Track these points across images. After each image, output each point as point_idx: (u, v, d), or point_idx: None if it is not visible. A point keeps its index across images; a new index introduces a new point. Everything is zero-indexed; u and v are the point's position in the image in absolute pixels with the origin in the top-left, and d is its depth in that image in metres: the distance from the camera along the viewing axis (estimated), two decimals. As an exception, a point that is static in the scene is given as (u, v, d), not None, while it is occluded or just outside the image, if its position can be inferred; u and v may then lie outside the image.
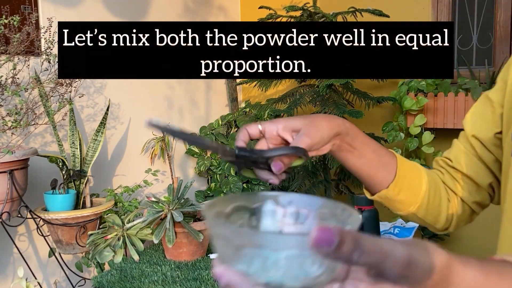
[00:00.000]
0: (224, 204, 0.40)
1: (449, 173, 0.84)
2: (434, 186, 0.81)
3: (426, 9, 2.36)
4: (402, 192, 0.78)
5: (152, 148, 2.51)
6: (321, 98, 2.24)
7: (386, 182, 0.77)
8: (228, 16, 3.02)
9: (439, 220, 0.83)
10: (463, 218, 0.84)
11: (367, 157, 0.74)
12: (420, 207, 0.80)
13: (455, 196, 0.83)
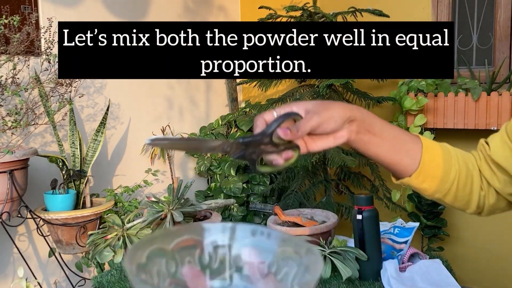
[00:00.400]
0: (140, 252, 0.34)
1: (486, 162, 0.79)
2: (465, 173, 0.77)
3: (426, 9, 2.36)
4: (427, 181, 0.75)
5: (152, 148, 2.52)
6: (321, 98, 2.24)
7: (410, 170, 0.74)
8: (228, 16, 3.02)
9: (470, 206, 0.79)
10: (498, 207, 0.80)
11: (388, 144, 0.71)
12: (447, 194, 0.77)
13: (489, 185, 0.78)
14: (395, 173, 0.76)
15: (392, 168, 0.75)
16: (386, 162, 0.73)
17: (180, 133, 2.67)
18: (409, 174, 0.74)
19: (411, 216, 2.27)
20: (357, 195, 1.42)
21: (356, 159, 2.09)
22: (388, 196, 2.26)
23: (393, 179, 0.80)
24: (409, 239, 1.49)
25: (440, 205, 2.24)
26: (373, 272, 1.38)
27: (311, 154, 2.09)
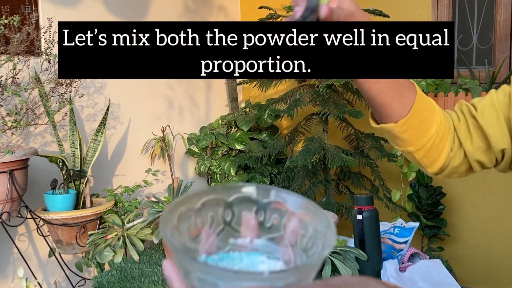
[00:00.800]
0: (196, 198, 0.39)
1: (466, 123, 0.77)
2: (442, 132, 0.76)
3: (426, 9, 2.36)
4: (409, 131, 0.73)
5: (152, 148, 2.52)
6: (321, 98, 2.24)
7: (397, 116, 0.72)
8: (228, 16, 3.02)
9: (434, 165, 0.78)
10: (458, 170, 0.79)
11: (386, 83, 0.69)
12: (421, 149, 0.75)
13: (460, 147, 0.78)
14: (380, 115, 0.74)
15: (379, 110, 0.72)
16: (376, 101, 0.71)
17: (180, 133, 2.67)
18: (395, 120, 0.72)
19: (411, 216, 2.27)
20: (357, 195, 1.42)
21: (356, 159, 2.09)
22: (388, 196, 2.27)
23: (372, 123, 0.77)
24: (409, 239, 1.49)
25: (440, 205, 2.24)
26: (373, 272, 1.38)
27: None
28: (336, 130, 2.45)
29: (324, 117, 2.20)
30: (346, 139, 2.43)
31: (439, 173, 0.80)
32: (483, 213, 2.29)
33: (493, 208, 2.26)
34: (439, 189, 2.23)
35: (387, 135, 0.77)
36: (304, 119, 2.41)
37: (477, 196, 2.30)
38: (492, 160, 0.76)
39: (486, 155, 0.76)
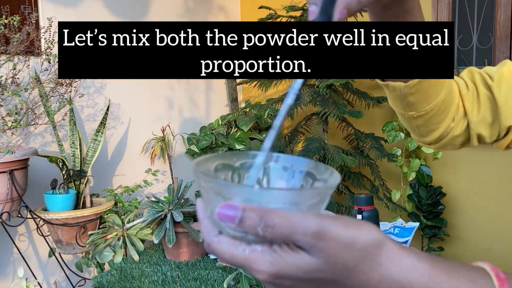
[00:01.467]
0: (209, 162, 0.42)
1: (476, 92, 0.71)
2: (448, 101, 0.70)
3: (426, 9, 2.36)
4: (417, 94, 0.66)
5: (152, 148, 2.52)
6: (321, 98, 2.24)
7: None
8: (228, 16, 3.02)
9: (432, 134, 0.73)
10: (455, 142, 0.75)
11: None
12: (423, 116, 0.69)
13: (464, 118, 0.72)
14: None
15: None
16: None
17: (180, 133, 2.67)
18: (406, 80, 0.66)
19: (411, 216, 2.27)
20: (357, 195, 1.42)
21: (356, 159, 2.09)
22: (388, 196, 2.27)
23: (378, 80, 0.72)
24: (409, 239, 1.49)
25: (440, 205, 2.24)
26: (373, 272, 1.38)
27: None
28: (336, 130, 2.45)
29: (324, 117, 2.20)
30: (346, 139, 2.43)
31: (433, 144, 0.75)
32: (483, 213, 2.29)
33: (493, 208, 2.26)
34: (439, 189, 2.23)
35: (390, 94, 0.70)
36: (304, 119, 2.41)
37: (477, 196, 2.30)
38: (493, 136, 0.72)
39: (490, 129, 0.71)
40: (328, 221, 0.33)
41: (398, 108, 0.72)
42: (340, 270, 0.34)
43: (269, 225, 0.33)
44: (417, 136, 0.76)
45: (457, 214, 2.36)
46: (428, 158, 2.30)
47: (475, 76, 0.72)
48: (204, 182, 0.36)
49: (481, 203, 2.30)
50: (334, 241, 0.33)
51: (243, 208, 0.33)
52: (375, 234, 0.34)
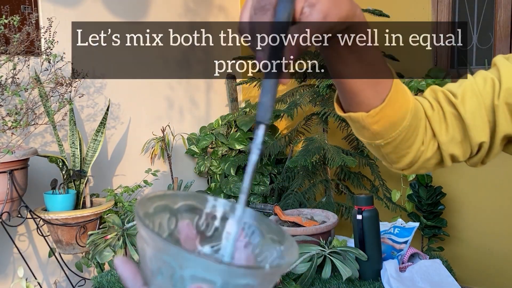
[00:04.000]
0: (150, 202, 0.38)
1: (442, 112, 0.68)
2: (415, 124, 0.66)
3: (426, 9, 2.36)
4: (381, 122, 0.63)
5: (152, 148, 2.51)
6: (321, 98, 2.24)
7: (369, 105, 0.61)
8: (228, 16, 3.02)
9: (402, 161, 0.69)
10: (427, 165, 0.71)
11: (360, 67, 0.58)
12: (390, 143, 0.66)
13: (433, 139, 0.69)
14: (349, 102, 0.63)
15: (348, 96, 0.62)
16: (346, 87, 0.61)
17: (180, 133, 2.67)
18: (366, 109, 0.61)
19: (411, 216, 2.27)
20: (357, 195, 1.42)
21: (356, 159, 2.09)
22: (388, 196, 2.27)
23: (338, 110, 0.67)
24: (409, 239, 1.49)
25: (440, 205, 2.24)
26: (373, 272, 1.38)
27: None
28: (336, 130, 2.45)
29: (324, 117, 2.20)
30: (346, 139, 2.43)
31: (406, 169, 0.72)
32: (483, 213, 2.29)
33: (493, 208, 2.26)
34: (439, 189, 2.23)
35: (353, 125, 0.67)
36: (304, 119, 2.41)
37: (477, 196, 2.30)
38: (466, 154, 0.70)
39: (461, 147, 0.69)
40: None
41: (364, 138, 0.68)
42: None
43: None
44: (388, 164, 0.72)
45: (457, 214, 2.36)
46: (428, 158, 2.30)
47: (438, 95, 0.70)
48: (147, 236, 0.32)
49: (481, 203, 2.30)
50: None
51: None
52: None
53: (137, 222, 0.33)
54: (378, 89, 0.61)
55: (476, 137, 0.66)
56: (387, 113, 0.62)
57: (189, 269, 0.30)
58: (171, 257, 0.31)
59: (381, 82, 0.61)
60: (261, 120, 0.39)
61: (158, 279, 0.32)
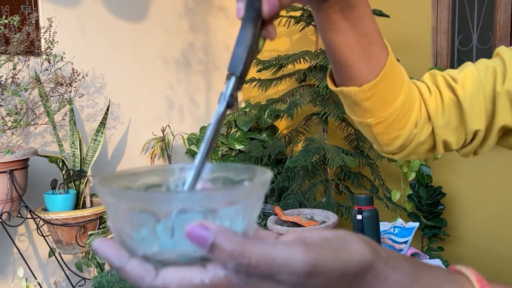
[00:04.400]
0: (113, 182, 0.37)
1: (440, 96, 0.67)
2: (408, 105, 0.65)
3: (426, 9, 2.36)
4: (374, 99, 0.61)
5: (152, 148, 2.51)
6: (321, 98, 2.24)
7: (362, 79, 0.59)
8: (228, 16, 3.02)
9: (394, 143, 0.67)
10: (419, 150, 0.69)
11: (355, 37, 0.56)
12: (382, 123, 0.64)
13: (428, 122, 0.67)
14: (342, 76, 0.61)
15: (341, 69, 0.60)
16: (339, 58, 0.58)
17: (180, 133, 2.67)
18: (358, 84, 0.60)
19: (411, 216, 2.27)
20: (357, 195, 1.42)
21: (356, 159, 2.09)
22: (388, 196, 2.27)
23: (330, 84, 0.65)
24: (409, 239, 1.49)
25: (440, 205, 2.24)
26: (373, 272, 1.38)
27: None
28: (336, 130, 2.45)
29: (324, 117, 2.20)
30: (346, 139, 2.42)
31: (397, 153, 0.70)
32: (483, 213, 2.29)
33: (493, 208, 2.26)
34: (439, 189, 2.23)
35: (345, 100, 0.65)
36: (304, 119, 2.41)
37: (477, 196, 2.30)
38: (460, 141, 0.68)
39: (455, 134, 0.67)
40: (318, 255, 0.28)
41: (355, 115, 0.66)
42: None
43: (246, 264, 0.27)
44: (379, 146, 0.70)
45: (457, 214, 2.36)
46: (428, 158, 2.30)
47: (438, 79, 0.68)
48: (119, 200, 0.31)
49: (481, 203, 2.30)
50: (325, 276, 0.29)
51: (216, 231, 0.28)
52: (367, 255, 0.31)
53: (102, 194, 0.31)
54: (372, 63, 0.59)
55: (472, 125, 0.65)
56: (380, 89, 0.60)
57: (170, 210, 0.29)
58: (150, 204, 0.29)
59: (375, 56, 0.59)
60: (232, 71, 0.38)
61: (143, 241, 0.30)
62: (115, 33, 2.33)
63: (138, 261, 0.30)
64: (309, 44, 2.67)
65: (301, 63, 2.33)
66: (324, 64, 2.16)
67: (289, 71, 2.47)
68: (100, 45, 2.26)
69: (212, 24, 2.90)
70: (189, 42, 2.74)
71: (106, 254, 0.32)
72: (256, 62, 2.40)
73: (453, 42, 2.33)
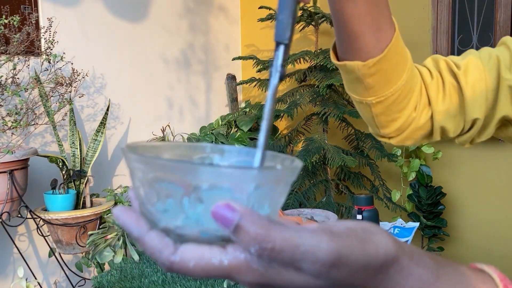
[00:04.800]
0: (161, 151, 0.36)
1: (441, 81, 0.66)
2: (409, 86, 0.63)
3: (426, 9, 2.36)
4: (377, 76, 0.60)
5: (152, 148, 2.51)
6: (321, 98, 2.24)
7: (367, 53, 0.58)
8: (228, 16, 3.02)
9: (391, 125, 0.66)
10: (415, 136, 0.68)
11: (364, 8, 0.55)
12: (382, 102, 0.63)
13: (427, 107, 0.66)
14: (347, 48, 0.60)
15: (347, 40, 0.59)
16: (347, 29, 0.57)
17: (180, 133, 2.67)
18: (363, 58, 0.59)
19: (411, 216, 2.27)
20: (357, 195, 1.42)
21: (356, 159, 2.09)
22: (388, 196, 2.27)
23: (333, 57, 0.64)
24: (409, 239, 1.49)
25: (440, 205, 2.24)
26: (373, 272, 1.38)
27: None
28: (336, 130, 2.45)
29: (324, 117, 2.20)
30: (346, 139, 2.43)
31: (393, 137, 0.69)
32: (483, 213, 2.29)
33: (493, 208, 2.26)
34: (439, 189, 2.23)
35: (347, 76, 0.63)
36: (304, 119, 2.41)
37: (477, 196, 2.30)
38: (457, 129, 0.67)
39: (454, 121, 0.66)
40: (344, 245, 0.28)
41: (356, 93, 0.64)
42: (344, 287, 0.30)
43: (269, 248, 0.27)
44: (375, 128, 0.68)
45: (457, 214, 2.36)
46: (428, 158, 2.30)
47: (440, 64, 0.67)
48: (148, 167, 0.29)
49: (481, 203, 2.30)
50: (349, 267, 0.28)
51: (242, 213, 0.27)
52: (392, 249, 0.30)
53: (130, 160, 0.30)
54: (379, 37, 0.58)
55: (472, 113, 0.64)
56: (384, 66, 0.59)
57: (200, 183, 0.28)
58: (180, 175, 0.28)
59: (383, 29, 0.58)
60: (279, 39, 0.35)
61: (167, 213, 0.29)
62: (115, 33, 2.33)
63: (157, 233, 0.30)
64: (309, 44, 2.67)
65: (301, 63, 2.33)
66: (324, 64, 2.16)
67: (289, 71, 2.47)
68: (100, 45, 2.26)
69: (212, 24, 2.90)
70: (189, 42, 2.74)
71: (125, 223, 0.31)
72: (256, 62, 2.40)
73: (453, 42, 2.33)
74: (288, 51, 0.36)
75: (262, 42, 2.99)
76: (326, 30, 2.58)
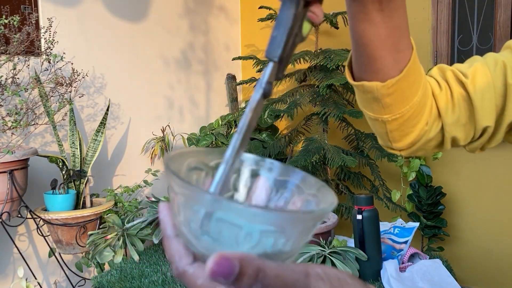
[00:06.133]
0: (182, 158, 0.36)
1: (450, 91, 0.65)
2: (423, 101, 0.63)
3: (426, 9, 2.36)
4: (395, 95, 0.60)
5: (152, 148, 2.51)
6: (321, 98, 2.24)
7: (386, 74, 0.58)
8: (228, 16, 3.02)
9: (404, 140, 0.66)
10: (427, 147, 0.68)
11: (386, 30, 0.54)
12: (398, 119, 0.63)
13: (437, 119, 0.66)
14: (366, 70, 0.59)
15: (367, 62, 0.58)
16: (367, 51, 0.57)
17: (180, 133, 2.67)
18: (382, 79, 0.58)
19: (411, 216, 2.27)
20: (357, 195, 1.42)
21: (356, 159, 2.09)
22: (388, 196, 2.27)
23: (349, 77, 0.63)
24: (409, 239, 1.49)
25: (440, 205, 2.24)
26: (373, 272, 1.38)
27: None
28: (336, 130, 2.45)
29: (324, 117, 2.20)
30: (346, 139, 2.43)
31: (405, 149, 0.69)
32: (483, 213, 2.29)
33: (493, 208, 2.26)
34: (439, 189, 2.23)
35: (363, 96, 0.63)
36: (304, 119, 2.41)
37: (477, 196, 2.30)
38: (468, 137, 0.67)
39: (464, 130, 0.66)
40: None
41: (372, 111, 0.64)
42: None
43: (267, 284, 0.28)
44: (388, 142, 0.68)
45: (457, 214, 2.36)
46: (428, 158, 2.30)
47: (447, 74, 0.66)
48: (176, 185, 0.30)
49: (481, 203, 2.30)
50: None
51: (240, 262, 0.27)
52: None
53: (171, 179, 0.31)
54: (398, 58, 0.57)
55: (482, 121, 0.64)
56: (403, 85, 0.59)
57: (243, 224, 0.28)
58: (194, 201, 0.29)
59: (402, 50, 0.57)
60: (269, 56, 0.35)
61: (190, 232, 0.30)
62: (115, 33, 2.33)
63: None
64: (309, 44, 2.67)
65: (301, 63, 2.33)
66: (324, 64, 2.16)
67: (289, 71, 2.47)
68: (100, 45, 2.26)
69: (212, 24, 2.90)
70: (189, 42, 2.74)
71: (164, 220, 0.33)
72: (256, 62, 2.40)
73: (453, 42, 2.33)
74: (280, 68, 0.35)
75: (262, 42, 2.99)
76: (326, 30, 2.58)
